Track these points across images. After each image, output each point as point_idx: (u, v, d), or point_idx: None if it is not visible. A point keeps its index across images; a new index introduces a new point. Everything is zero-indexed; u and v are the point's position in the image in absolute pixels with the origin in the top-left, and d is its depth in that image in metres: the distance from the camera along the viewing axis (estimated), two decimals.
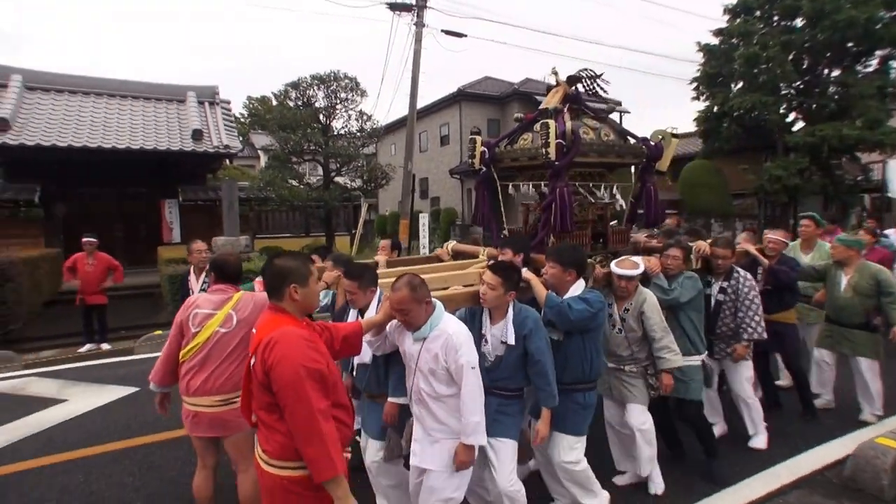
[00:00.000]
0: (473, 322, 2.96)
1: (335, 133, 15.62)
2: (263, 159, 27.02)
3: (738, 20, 16.41)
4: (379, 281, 3.11)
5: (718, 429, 4.32)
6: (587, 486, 3.11)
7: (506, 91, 24.26)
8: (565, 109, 3.88)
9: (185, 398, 2.96)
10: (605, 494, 3.19)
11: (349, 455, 2.18)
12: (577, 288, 3.10)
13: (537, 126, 3.78)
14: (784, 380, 5.27)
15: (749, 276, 4.13)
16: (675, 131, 4.09)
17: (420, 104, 15.94)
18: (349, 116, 15.53)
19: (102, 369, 6.70)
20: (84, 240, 7.86)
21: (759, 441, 4.18)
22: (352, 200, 17.09)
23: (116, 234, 14.06)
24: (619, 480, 3.64)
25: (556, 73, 4.00)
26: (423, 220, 15.29)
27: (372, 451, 3.03)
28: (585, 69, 4.01)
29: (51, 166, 12.65)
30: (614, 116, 24.57)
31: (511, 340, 2.81)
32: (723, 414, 4.40)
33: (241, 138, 16.98)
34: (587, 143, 3.71)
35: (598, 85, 4.02)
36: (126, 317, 9.31)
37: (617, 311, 3.47)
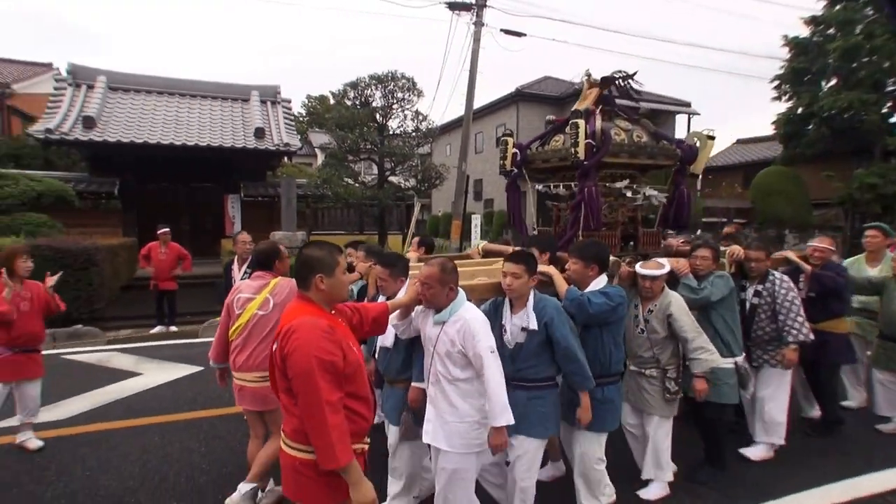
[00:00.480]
0: (497, 314, 3.02)
1: (391, 132, 15.86)
2: (320, 157, 27.74)
3: (838, 7, 14.68)
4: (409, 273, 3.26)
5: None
6: (592, 487, 3.11)
7: (566, 91, 23.04)
8: (597, 111, 3.90)
9: (234, 373, 3.31)
10: None
11: (366, 445, 2.23)
12: (599, 283, 3.13)
13: (568, 127, 3.84)
14: (852, 400, 5.01)
15: (786, 277, 3.98)
16: (711, 133, 4.00)
17: (476, 104, 15.80)
18: (405, 116, 15.65)
19: (172, 349, 7.38)
20: (160, 231, 8.58)
21: (754, 451, 4.01)
22: (405, 200, 17.25)
23: (183, 227, 14.82)
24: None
25: (588, 76, 4.03)
26: (476, 221, 15.25)
27: (391, 436, 3.20)
28: (619, 70, 4.02)
29: (128, 161, 13.63)
30: (682, 119, 23.08)
31: (532, 325, 2.84)
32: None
33: (299, 136, 17.59)
34: (617, 143, 3.72)
35: (630, 85, 4.01)
36: (191, 303, 9.95)
37: (641, 311, 3.45)
